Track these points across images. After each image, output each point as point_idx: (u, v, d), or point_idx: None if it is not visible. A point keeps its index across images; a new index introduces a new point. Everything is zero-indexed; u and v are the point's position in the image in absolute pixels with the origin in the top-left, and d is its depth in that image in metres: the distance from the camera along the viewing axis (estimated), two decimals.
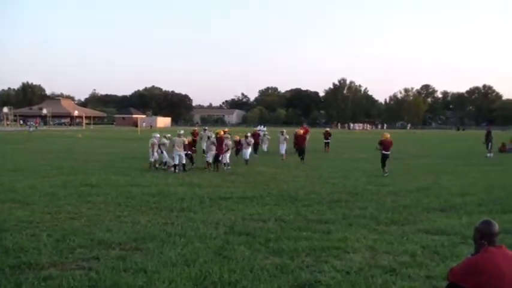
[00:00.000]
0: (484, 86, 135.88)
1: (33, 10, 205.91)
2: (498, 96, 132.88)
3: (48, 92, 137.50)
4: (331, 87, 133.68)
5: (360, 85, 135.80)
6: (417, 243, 7.30)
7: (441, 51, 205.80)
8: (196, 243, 7.11)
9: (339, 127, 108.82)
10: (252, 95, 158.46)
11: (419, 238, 7.63)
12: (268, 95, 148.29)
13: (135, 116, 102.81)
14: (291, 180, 15.02)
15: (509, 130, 79.38)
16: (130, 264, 6.04)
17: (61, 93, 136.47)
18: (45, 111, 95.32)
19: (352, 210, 9.96)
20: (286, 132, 24.65)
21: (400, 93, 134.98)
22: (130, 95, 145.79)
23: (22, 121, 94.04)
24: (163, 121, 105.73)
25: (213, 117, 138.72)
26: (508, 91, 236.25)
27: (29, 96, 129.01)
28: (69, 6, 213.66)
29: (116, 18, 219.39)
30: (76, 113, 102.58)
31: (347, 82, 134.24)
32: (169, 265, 6.01)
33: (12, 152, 26.34)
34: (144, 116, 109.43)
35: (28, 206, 9.97)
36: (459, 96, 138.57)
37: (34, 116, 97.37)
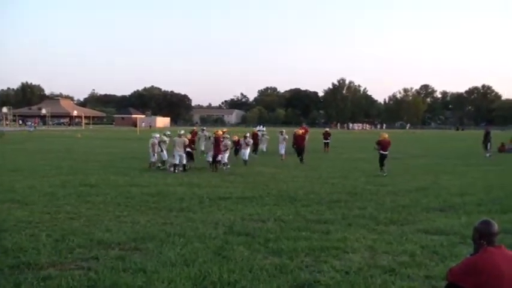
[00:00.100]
0: (483, 86, 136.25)
1: (33, 10, 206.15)
2: (497, 96, 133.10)
3: (47, 92, 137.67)
4: (331, 87, 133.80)
5: (359, 85, 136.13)
6: (416, 243, 7.30)
7: (440, 51, 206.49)
8: (195, 243, 7.10)
9: (338, 127, 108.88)
10: (251, 95, 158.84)
11: (418, 238, 7.64)
12: (268, 95, 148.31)
13: (134, 116, 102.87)
14: (290, 180, 15.02)
15: (509, 130, 79.43)
16: (129, 264, 6.04)
17: (60, 93, 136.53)
18: (44, 111, 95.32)
19: (352, 210, 9.96)
20: (286, 132, 24.66)
21: (399, 93, 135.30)
22: (129, 95, 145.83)
23: (21, 121, 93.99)
24: (162, 121, 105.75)
25: (212, 117, 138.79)
26: (507, 91, 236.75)
27: (28, 96, 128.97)
28: (68, 6, 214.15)
29: (115, 18, 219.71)
30: (75, 113, 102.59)
31: (346, 82, 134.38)
32: (168, 265, 6.01)
33: (11, 152, 26.33)
34: (144, 116, 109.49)
35: (27, 206, 9.96)
36: (458, 96, 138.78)
37: (33, 116, 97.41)
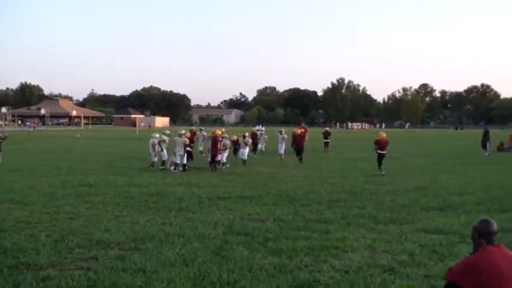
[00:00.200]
0: (482, 85, 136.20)
1: (32, 10, 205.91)
2: (496, 95, 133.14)
3: (46, 92, 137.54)
4: (330, 87, 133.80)
5: (359, 84, 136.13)
6: (416, 242, 7.31)
7: (439, 50, 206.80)
8: (194, 243, 7.10)
9: (338, 126, 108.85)
10: (251, 95, 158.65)
11: (417, 237, 7.64)
12: (267, 95, 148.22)
13: (133, 116, 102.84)
14: (289, 179, 15.02)
15: (508, 129, 79.49)
16: (129, 264, 6.04)
17: (59, 93, 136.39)
18: (43, 112, 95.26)
19: (351, 209, 9.97)
20: (285, 131, 24.65)
21: (399, 92, 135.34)
22: (128, 95, 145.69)
23: (20, 121, 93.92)
24: (161, 121, 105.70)
25: (211, 117, 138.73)
26: (506, 90, 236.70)
27: (27, 97, 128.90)
28: (68, 6, 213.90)
29: (114, 18, 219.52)
30: (74, 113, 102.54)
31: (345, 81, 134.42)
32: (168, 265, 6.00)
33: (10, 152, 26.26)
34: (143, 116, 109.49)
35: (26, 206, 9.95)
36: (457, 95, 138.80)
37: (32, 116, 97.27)
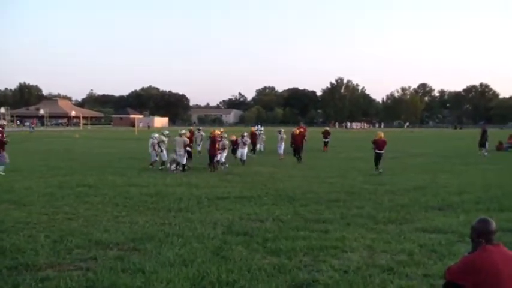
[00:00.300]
0: (480, 84, 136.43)
1: (32, 10, 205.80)
2: (495, 95, 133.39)
3: (45, 92, 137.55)
4: (329, 87, 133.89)
5: (357, 84, 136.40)
6: (415, 241, 7.31)
7: (438, 50, 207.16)
8: (194, 243, 7.09)
9: (337, 126, 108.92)
10: (250, 95, 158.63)
11: (416, 237, 7.65)
12: (266, 95, 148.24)
13: (132, 116, 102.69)
14: (288, 179, 15.02)
15: (507, 128, 79.60)
16: (128, 264, 6.03)
17: (58, 94, 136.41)
18: (42, 112, 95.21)
19: (350, 209, 9.96)
20: (284, 131, 24.65)
21: (398, 92, 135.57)
22: (127, 95, 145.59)
23: (19, 121, 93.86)
24: (160, 121, 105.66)
25: (210, 117, 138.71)
26: (504, 90, 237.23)
27: (26, 97, 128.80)
28: (67, 6, 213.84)
29: (113, 18, 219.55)
30: (73, 113, 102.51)
31: (344, 81, 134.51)
32: (167, 265, 6.00)
33: (10, 152, 26.22)
34: (142, 116, 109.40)
35: (25, 206, 9.93)
36: (456, 94, 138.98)
37: (31, 116, 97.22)
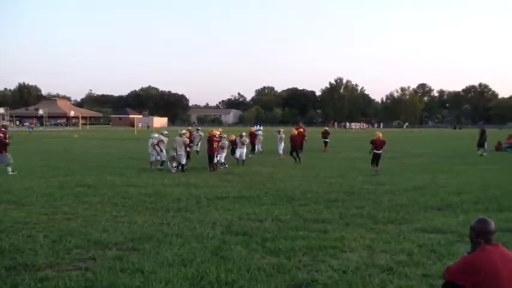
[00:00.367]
0: (480, 84, 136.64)
1: (32, 10, 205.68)
2: (494, 95, 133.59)
3: (44, 92, 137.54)
4: (328, 87, 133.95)
5: (357, 84, 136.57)
6: (414, 242, 7.31)
7: (437, 50, 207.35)
8: (193, 243, 7.09)
9: (336, 126, 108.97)
10: (249, 95, 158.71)
11: (416, 237, 7.64)
12: (265, 95, 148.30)
13: (131, 116, 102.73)
14: (287, 179, 15.01)
15: (506, 128, 79.68)
16: (127, 264, 6.02)
17: (57, 94, 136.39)
18: (41, 112, 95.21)
19: (349, 209, 9.96)
20: (283, 131, 24.65)
21: (397, 92, 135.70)
22: (126, 95, 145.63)
23: (18, 122, 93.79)
24: (159, 121, 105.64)
25: (209, 117, 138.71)
26: (503, 90, 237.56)
27: (25, 97, 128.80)
28: (67, 6, 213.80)
29: (113, 18, 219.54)
30: (72, 113, 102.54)
31: (343, 81, 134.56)
32: (166, 265, 5.99)
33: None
34: (141, 116, 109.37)
35: (24, 206, 9.92)
36: (455, 95, 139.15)
37: (30, 116, 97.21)
